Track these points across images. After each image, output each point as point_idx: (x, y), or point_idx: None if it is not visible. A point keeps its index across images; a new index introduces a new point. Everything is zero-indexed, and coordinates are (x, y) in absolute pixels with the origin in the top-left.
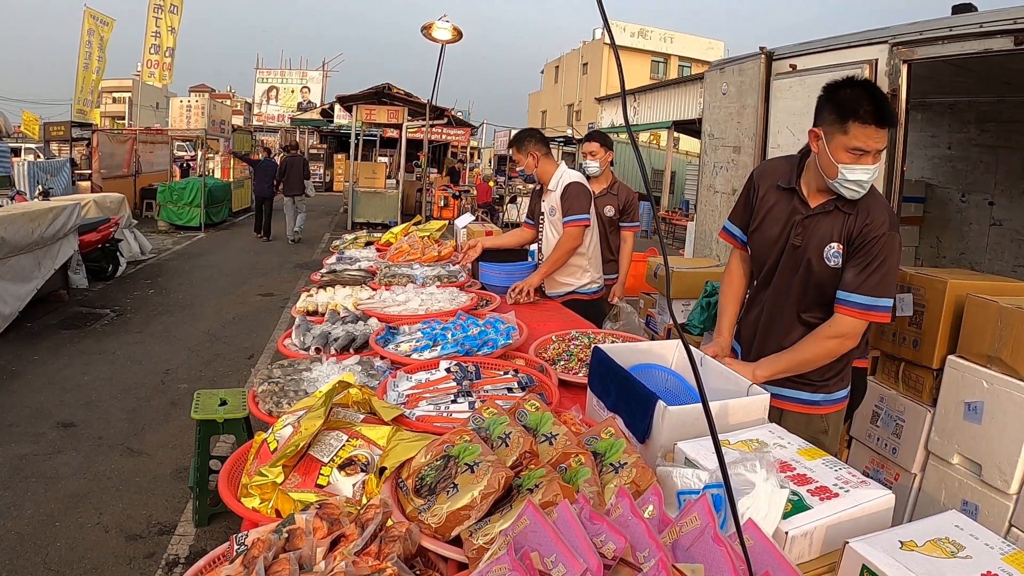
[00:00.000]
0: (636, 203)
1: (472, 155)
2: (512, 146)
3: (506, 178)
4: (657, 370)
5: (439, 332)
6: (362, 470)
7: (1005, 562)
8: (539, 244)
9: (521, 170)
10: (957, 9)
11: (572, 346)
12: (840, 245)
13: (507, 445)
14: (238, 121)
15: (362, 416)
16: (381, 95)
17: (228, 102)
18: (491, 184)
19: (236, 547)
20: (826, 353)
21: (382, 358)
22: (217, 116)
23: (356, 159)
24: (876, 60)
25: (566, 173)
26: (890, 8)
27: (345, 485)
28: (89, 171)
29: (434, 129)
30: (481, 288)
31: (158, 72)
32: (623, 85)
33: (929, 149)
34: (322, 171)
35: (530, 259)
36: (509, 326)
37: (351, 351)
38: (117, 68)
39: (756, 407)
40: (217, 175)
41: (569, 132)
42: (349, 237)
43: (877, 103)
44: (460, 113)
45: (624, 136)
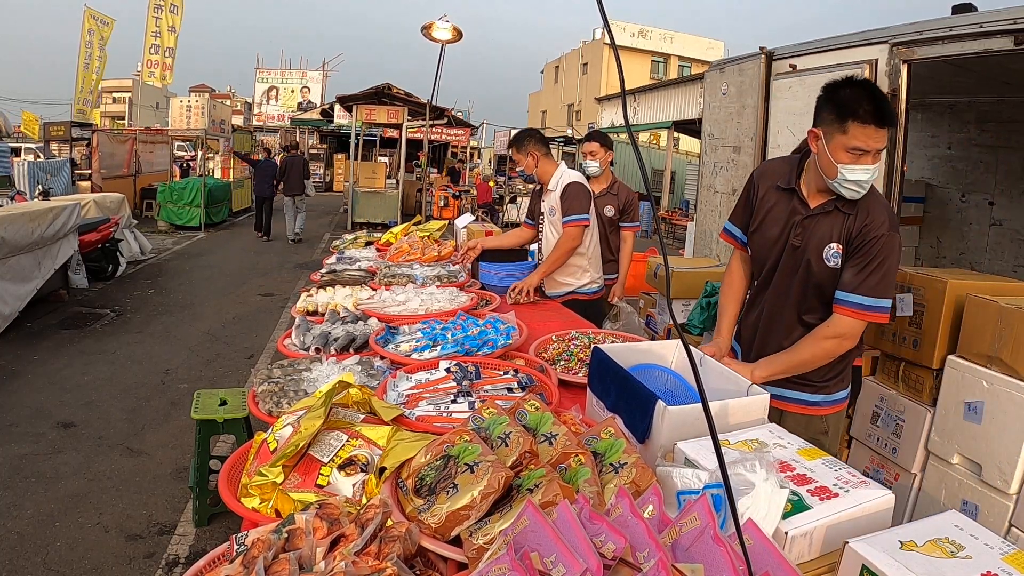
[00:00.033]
0: (636, 203)
1: (472, 155)
2: (512, 146)
3: (506, 178)
4: (657, 370)
5: (439, 332)
6: (362, 470)
7: (1005, 562)
8: (539, 244)
9: (521, 170)
10: (957, 9)
11: (572, 346)
12: (840, 245)
13: (507, 445)
14: (238, 121)
15: (362, 416)
16: (381, 95)
17: (228, 102)
18: (491, 184)
19: (236, 547)
20: (824, 353)
21: (382, 358)
22: (217, 116)
23: (356, 159)
24: (876, 60)
25: (566, 173)
26: (890, 8)
27: (345, 485)
28: (89, 171)
29: (434, 129)
30: (481, 288)
31: (158, 72)
32: (623, 85)
33: (929, 149)
34: (322, 171)
35: (530, 259)
36: (509, 326)
37: (351, 351)
38: (117, 68)
39: (756, 407)
40: (217, 175)
41: (569, 132)
42: (349, 237)
43: (877, 103)
44: (460, 113)
45: (624, 136)
